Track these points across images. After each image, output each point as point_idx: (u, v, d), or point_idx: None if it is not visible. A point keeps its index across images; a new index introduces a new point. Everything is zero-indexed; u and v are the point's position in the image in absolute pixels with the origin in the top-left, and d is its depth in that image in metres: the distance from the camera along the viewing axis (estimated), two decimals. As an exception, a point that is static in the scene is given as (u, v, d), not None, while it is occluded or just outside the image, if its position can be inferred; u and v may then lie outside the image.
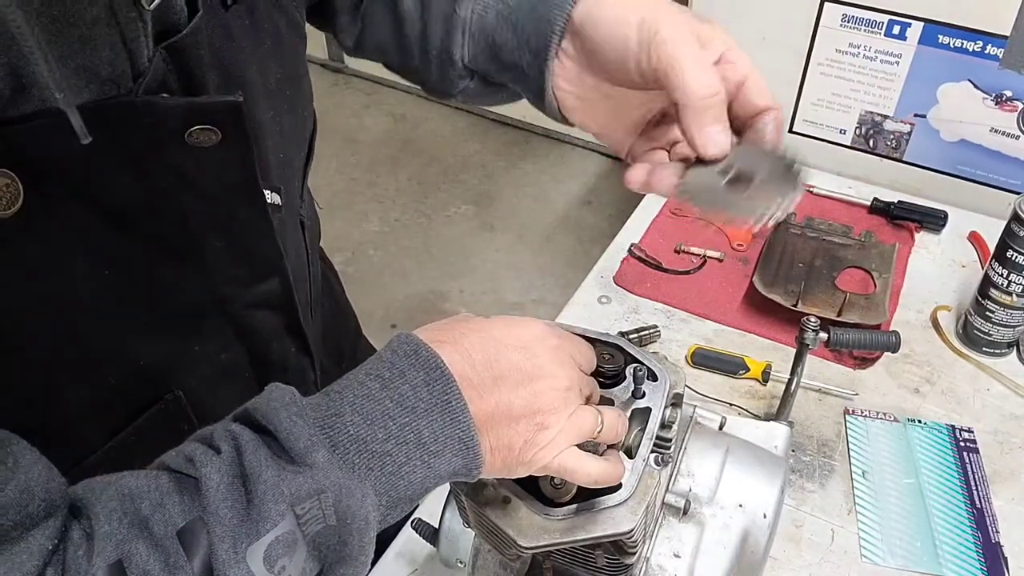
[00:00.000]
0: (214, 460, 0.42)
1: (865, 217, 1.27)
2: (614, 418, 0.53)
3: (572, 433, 0.50)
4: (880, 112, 1.33)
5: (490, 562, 0.67)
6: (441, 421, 0.45)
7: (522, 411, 0.48)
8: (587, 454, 0.51)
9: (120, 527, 0.41)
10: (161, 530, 0.41)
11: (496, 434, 0.48)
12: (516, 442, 0.48)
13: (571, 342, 0.54)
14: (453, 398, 0.46)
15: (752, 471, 0.64)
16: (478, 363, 0.48)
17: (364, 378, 0.46)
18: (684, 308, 1.12)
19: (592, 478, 0.51)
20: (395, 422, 0.44)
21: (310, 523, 0.42)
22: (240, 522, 0.41)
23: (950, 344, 1.07)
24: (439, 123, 3.27)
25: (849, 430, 0.96)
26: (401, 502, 0.46)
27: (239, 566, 0.40)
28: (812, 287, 1.11)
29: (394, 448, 0.44)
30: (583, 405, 0.52)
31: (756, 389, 1.01)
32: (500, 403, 0.48)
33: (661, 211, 1.29)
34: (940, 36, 1.22)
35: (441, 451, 0.45)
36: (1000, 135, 1.26)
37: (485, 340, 0.49)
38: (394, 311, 2.44)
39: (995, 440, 0.95)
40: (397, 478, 0.45)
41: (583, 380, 0.53)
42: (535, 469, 0.50)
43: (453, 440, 0.46)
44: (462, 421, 0.46)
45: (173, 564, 0.40)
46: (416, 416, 0.45)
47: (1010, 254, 0.97)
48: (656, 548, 0.61)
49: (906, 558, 0.83)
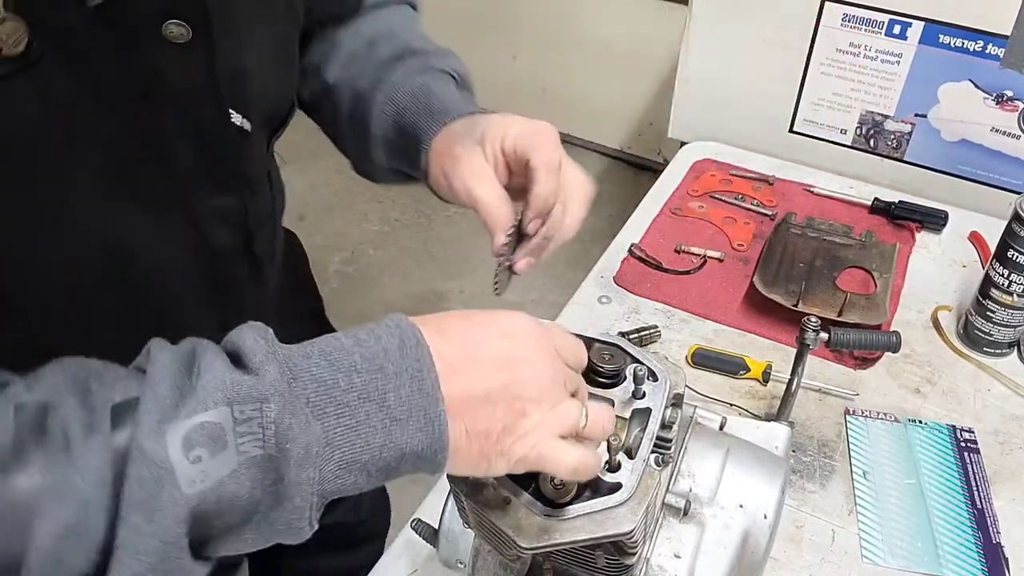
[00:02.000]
0: (168, 347, 0.43)
1: (866, 217, 1.27)
2: (600, 412, 0.52)
3: (554, 424, 0.49)
4: (881, 112, 1.33)
5: (490, 563, 0.67)
6: (409, 388, 0.44)
7: (501, 395, 0.47)
8: (566, 443, 0.50)
9: (61, 383, 0.41)
10: (98, 400, 0.40)
11: (472, 417, 0.47)
12: (494, 427, 0.47)
13: (558, 336, 0.53)
14: (425, 367, 0.45)
15: (753, 471, 0.64)
16: (456, 343, 0.47)
17: (340, 335, 0.46)
18: (684, 308, 1.12)
19: (571, 468, 0.49)
20: (361, 376, 0.44)
21: (246, 439, 0.41)
22: (173, 404, 0.40)
23: (951, 344, 1.07)
24: (439, 123, 3.27)
25: (850, 430, 0.96)
26: (355, 466, 0.44)
27: (158, 440, 0.39)
28: (813, 287, 1.10)
29: (355, 401, 0.43)
30: (568, 399, 0.51)
31: (756, 389, 1.01)
32: (477, 384, 0.47)
33: (661, 211, 1.28)
34: (941, 36, 1.22)
35: (405, 420, 0.44)
36: (1001, 135, 1.25)
37: (467, 325, 0.49)
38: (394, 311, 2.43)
39: (996, 440, 0.95)
40: (354, 434, 0.43)
41: (568, 374, 0.52)
42: (514, 461, 0.49)
43: (419, 412, 0.44)
44: (430, 394, 0.45)
45: (93, 427, 0.39)
46: (384, 377, 0.44)
47: (1011, 254, 0.97)
48: (656, 548, 0.61)
49: (907, 558, 0.83)
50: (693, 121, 1.51)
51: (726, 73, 1.42)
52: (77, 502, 0.38)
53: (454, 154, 0.65)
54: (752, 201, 1.30)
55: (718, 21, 1.38)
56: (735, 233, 1.23)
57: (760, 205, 1.29)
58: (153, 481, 0.39)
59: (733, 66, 1.41)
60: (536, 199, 0.62)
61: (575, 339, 0.56)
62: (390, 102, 0.73)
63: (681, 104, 1.50)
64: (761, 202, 1.30)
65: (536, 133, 0.64)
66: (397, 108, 0.72)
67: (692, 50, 1.43)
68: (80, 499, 0.38)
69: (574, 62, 2.91)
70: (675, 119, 1.52)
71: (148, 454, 0.39)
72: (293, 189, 0.93)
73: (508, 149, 0.64)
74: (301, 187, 2.87)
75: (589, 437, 0.52)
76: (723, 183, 1.34)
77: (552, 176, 0.62)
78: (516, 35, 2.97)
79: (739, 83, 1.42)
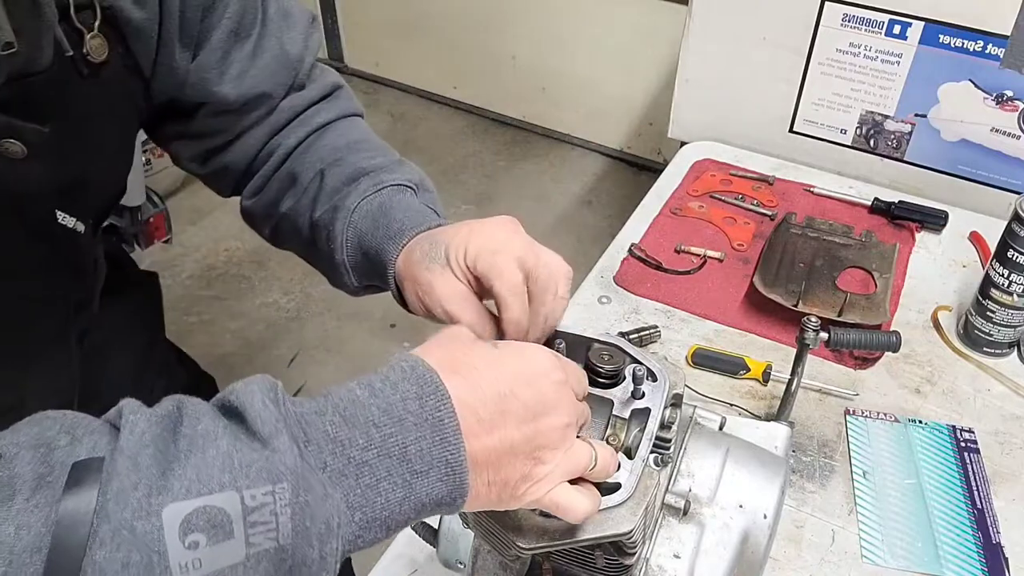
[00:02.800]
0: (144, 410, 0.40)
1: (866, 217, 1.27)
2: (608, 456, 0.53)
3: (567, 469, 0.50)
4: (881, 112, 1.33)
5: (490, 563, 0.67)
6: (430, 439, 0.43)
7: (523, 447, 0.48)
8: (577, 490, 0.50)
9: (25, 436, 0.37)
10: (62, 455, 0.37)
11: (496, 469, 0.47)
12: (512, 477, 0.48)
13: (572, 372, 0.53)
14: (446, 416, 0.43)
15: (752, 471, 0.64)
16: (488, 398, 0.46)
17: (354, 386, 0.44)
18: (684, 308, 1.12)
19: (581, 516, 0.50)
20: (379, 431, 0.42)
21: (258, 530, 0.37)
22: (160, 474, 0.36)
23: (951, 344, 1.07)
24: (439, 123, 3.26)
25: (850, 430, 0.96)
26: (376, 524, 0.42)
27: (150, 519, 0.35)
28: (813, 287, 1.10)
29: (374, 459, 0.41)
30: (579, 440, 0.51)
31: (756, 389, 1.01)
32: (504, 439, 0.46)
33: (661, 211, 1.28)
34: (941, 36, 1.22)
35: (426, 471, 0.42)
36: (1001, 135, 1.25)
37: (498, 374, 0.47)
38: (394, 311, 2.43)
39: (996, 440, 0.95)
40: (375, 493, 0.41)
41: (580, 411, 0.52)
42: (526, 503, 0.49)
43: (440, 462, 0.43)
44: (452, 443, 0.43)
45: (45, 482, 0.36)
46: (403, 428, 0.42)
47: (1011, 254, 0.97)
48: (656, 549, 0.61)
49: (907, 559, 0.83)
50: (693, 121, 1.51)
51: (726, 73, 1.42)
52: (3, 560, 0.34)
53: (424, 280, 0.63)
54: (752, 201, 1.30)
55: (718, 21, 1.38)
56: (735, 233, 1.23)
57: (760, 205, 1.29)
58: (143, 566, 0.35)
59: (733, 66, 1.41)
60: (509, 325, 0.60)
61: (579, 368, 0.56)
62: (350, 227, 0.71)
63: (681, 104, 1.50)
64: (761, 202, 1.30)
65: (493, 253, 0.60)
66: (358, 233, 0.71)
67: (692, 50, 1.43)
68: (6, 558, 0.34)
69: (574, 62, 2.91)
70: (675, 119, 1.52)
71: (139, 535, 0.35)
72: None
73: (471, 267, 0.61)
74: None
75: (594, 480, 0.52)
76: (723, 183, 1.34)
77: (519, 300, 0.60)
78: (516, 35, 2.98)
79: (739, 83, 1.42)
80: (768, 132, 1.43)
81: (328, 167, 0.76)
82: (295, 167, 0.78)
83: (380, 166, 0.75)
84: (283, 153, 0.79)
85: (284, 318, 2.42)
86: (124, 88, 0.69)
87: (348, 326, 2.38)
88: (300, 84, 0.80)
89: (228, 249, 2.66)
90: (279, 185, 0.79)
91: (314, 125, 0.80)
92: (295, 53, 0.78)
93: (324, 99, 0.82)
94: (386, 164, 0.76)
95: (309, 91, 0.80)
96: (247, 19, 0.74)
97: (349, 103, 0.84)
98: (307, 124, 0.80)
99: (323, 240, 0.74)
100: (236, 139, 0.79)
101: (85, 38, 0.62)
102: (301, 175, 0.77)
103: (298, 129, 0.79)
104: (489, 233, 0.62)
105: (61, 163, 0.64)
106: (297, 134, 0.79)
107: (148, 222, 2.30)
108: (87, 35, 0.62)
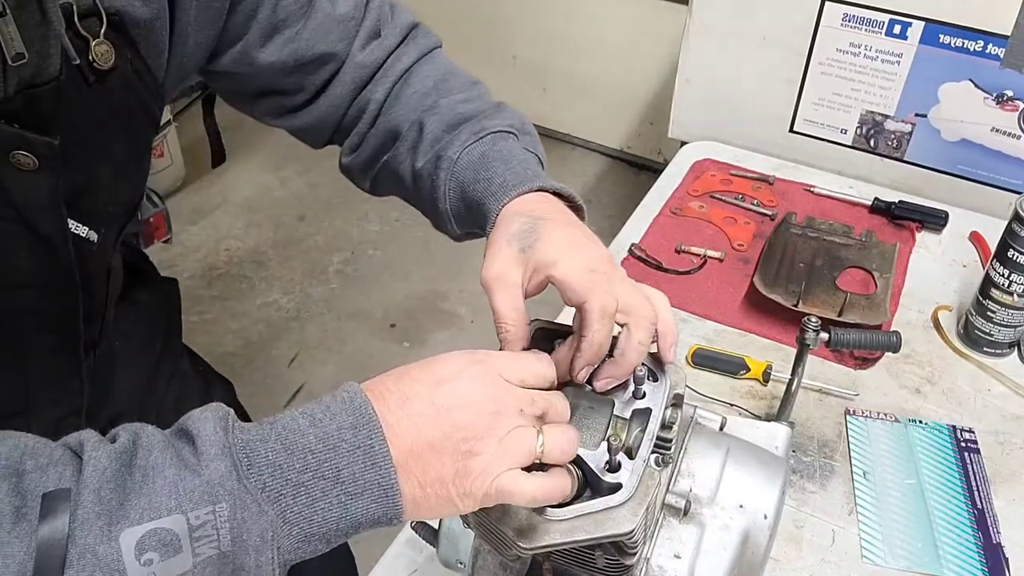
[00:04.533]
0: (106, 446, 0.45)
1: (866, 217, 1.27)
2: (558, 435, 0.51)
3: (507, 456, 0.49)
4: (881, 112, 1.33)
5: (490, 563, 0.67)
6: (362, 464, 0.46)
7: (443, 443, 0.48)
8: (526, 474, 0.50)
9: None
10: (30, 485, 0.42)
11: (421, 469, 0.48)
12: (446, 473, 0.48)
13: (504, 361, 0.52)
14: (377, 443, 0.47)
15: (753, 472, 0.64)
16: (392, 403, 0.49)
17: (298, 415, 0.48)
18: (684, 308, 1.12)
19: (531, 498, 0.50)
20: (316, 457, 0.46)
21: (202, 542, 0.43)
22: (119, 504, 0.42)
23: (951, 344, 1.07)
24: (439, 123, 3.26)
25: (850, 430, 0.96)
26: (314, 538, 0.47)
27: (110, 544, 0.41)
28: (813, 287, 1.10)
29: (311, 480, 0.46)
30: (521, 426, 0.50)
31: (757, 389, 1.01)
32: (418, 438, 0.48)
33: (661, 211, 1.28)
34: (941, 36, 1.22)
35: (360, 493, 0.46)
36: (1001, 135, 1.25)
37: (400, 380, 0.50)
38: (394, 311, 2.44)
39: (996, 441, 0.95)
40: (312, 511, 0.46)
41: (523, 398, 0.51)
42: (478, 499, 0.49)
43: (372, 485, 0.47)
44: (383, 467, 0.47)
45: (21, 515, 0.41)
46: (338, 455, 0.46)
47: (1011, 254, 0.97)
48: (656, 549, 0.61)
49: (907, 559, 0.83)
50: (693, 121, 1.51)
51: (726, 73, 1.42)
52: None
53: (494, 250, 0.62)
54: (752, 201, 1.30)
55: (718, 21, 1.38)
56: (735, 233, 1.23)
57: (760, 205, 1.29)
58: None
59: (733, 66, 1.41)
60: (589, 347, 0.57)
61: (527, 356, 0.54)
62: (452, 179, 0.72)
63: (681, 104, 1.50)
64: (761, 202, 1.30)
65: (592, 272, 0.59)
66: (460, 184, 0.71)
67: (692, 50, 1.43)
68: None
69: (574, 62, 2.91)
70: (675, 119, 1.52)
71: (101, 558, 0.41)
72: (293, 189, 0.94)
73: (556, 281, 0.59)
74: (301, 187, 2.87)
75: (551, 462, 0.51)
76: (723, 183, 1.34)
77: (607, 321, 0.57)
78: (516, 35, 2.97)
79: (739, 83, 1.42)
80: (768, 132, 1.43)
81: (425, 115, 0.76)
82: (390, 121, 0.78)
83: (479, 111, 0.75)
84: (374, 109, 0.79)
85: (284, 318, 2.42)
86: (133, 92, 0.69)
87: (348, 326, 2.38)
88: (376, 31, 0.79)
89: (228, 249, 2.67)
90: (376, 141, 0.80)
91: (397, 72, 0.80)
92: (345, 12, 0.77)
93: (402, 43, 0.81)
94: (485, 109, 0.76)
95: (386, 38, 0.80)
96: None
97: (427, 39, 0.83)
98: (390, 74, 0.79)
99: (427, 188, 0.74)
100: (316, 97, 0.79)
101: (91, 44, 0.62)
102: (398, 127, 0.77)
103: (383, 81, 0.79)
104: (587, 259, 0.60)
105: (71, 172, 0.65)
106: (383, 86, 0.79)
107: (148, 222, 2.30)
108: (92, 42, 0.62)
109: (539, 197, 0.68)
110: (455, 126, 0.74)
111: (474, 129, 0.73)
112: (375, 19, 0.80)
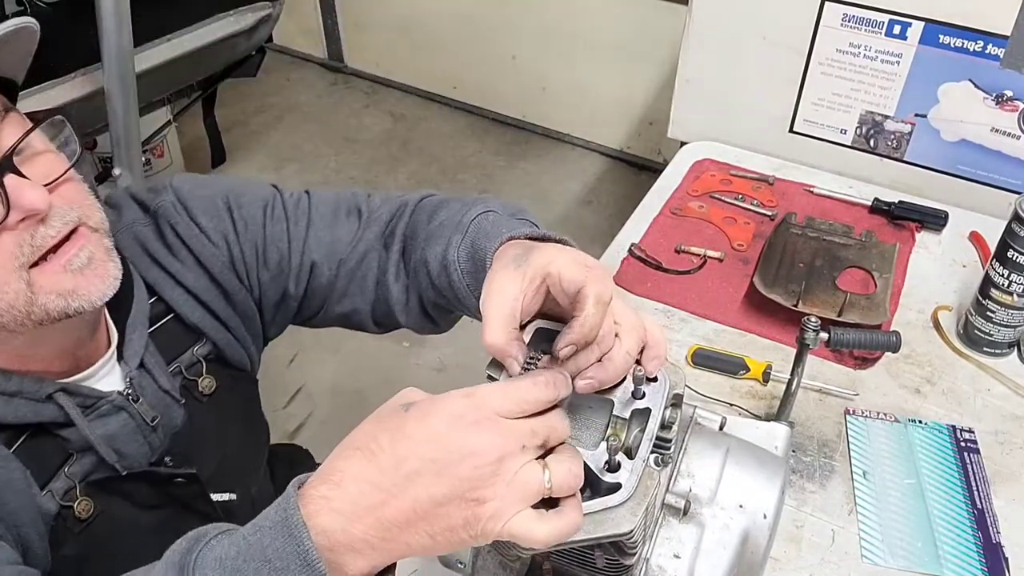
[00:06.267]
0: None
1: (866, 217, 1.27)
2: (563, 470, 0.50)
3: (515, 499, 0.49)
4: (881, 112, 1.33)
5: (490, 563, 0.67)
6: (282, 539, 0.49)
7: (448, 498, 0.48)
8: (537, 517, 0.49)
9: None
10: None
11: (428, 524, 0.49)
12: (455, 523, 0.49)
13: (500, 398, 0.50)
14: (291, 516, 0.49)
15: (752, 472, 0.64)
16: (387, 467, 0.49)
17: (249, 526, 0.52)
18: (684, 308, 1.12)
19: (542, 543, 0.50)
20: (246, 540, 0.50)
21: None
22: None
23: (951, 344, 1.07)
24: (438, 122, 3.26)
25: (850, 430, 0.96)
26: None
27: None
28: (813, 287, 1.10)
29: (244, 564, 0.49)
30: (527, 464, 0.50)
31: (756, 389, 1.01)
32: (419, 498, 0.48)
33: (661, 211, 1.28)
34: (941, 36, 1.22)
35: (285, 567, 0.48)
36: (1001, 135, 1.25)
37: (395, 439, 0.49)
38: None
39: (996, 440, 0.95)
40: None
41: (522, 430, 0.50)
42: (491, 539, 0.49)
43: (293, 555, 0.48)
44: (298, 537, 0.48)
45: None
46: (262, 535, 0.50)
47: (1011, 254, 0.97)
48: (656, 549, 0.61)
49: (907, 559, 0.83)
50: (693, 121, 1.51)
51: (726, 73, 1.42)
52: None
53: (493, 270, 0.64)
54: (752, 201, 1.30)
55: (718, 21, 1.38)
56: (735, 233, 1.23)
57: (760, 205, 1.29)
58: None
59: (733, 66, 1.41)
60: (580, 327, 0.57)
61: (521, 385, 0.51)
62: (464, 241, 0.75)
63: (681, 104, 1.50)
64: (761, 202, 1.30)
65: (588, 267, 0.60)
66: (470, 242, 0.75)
67: (692, 50, 1.43)
68: None
69: (574, 62, 2.91)
70: (675, 119, 1.52)
71: None
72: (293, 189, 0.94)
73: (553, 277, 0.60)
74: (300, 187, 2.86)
75: (560, 495, 0.51)
76: (723, 183, 1.34)
77: (601, 308, 0.57)
78: (516, 35, 2.97)
79: (739, 83, 1.42)
80: (768, 132, 1.43)
81: (428, 240, 0.80)
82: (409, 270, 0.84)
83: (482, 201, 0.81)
84: (393, 272, 0.86)
85: (284, 318, 2.42)
86: (236, 385, 0.87)
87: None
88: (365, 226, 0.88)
89: (228, 249, 2.66)
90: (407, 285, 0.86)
91: (398, 237, 0.85)
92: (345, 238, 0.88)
93: (392, 219, 0.87)
94: (486, 200, 0.82)
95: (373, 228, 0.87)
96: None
97: (413, 198, 0.88)
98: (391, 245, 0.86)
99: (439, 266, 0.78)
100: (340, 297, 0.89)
101: (198, 384, 0.82)
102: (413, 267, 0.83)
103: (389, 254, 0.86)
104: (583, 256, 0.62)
105: (210, 476, 0.82)
106: (392, 257, 0.85)
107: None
108: (199, 380, 0.82)
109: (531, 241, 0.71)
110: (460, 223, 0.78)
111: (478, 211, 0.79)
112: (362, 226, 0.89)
